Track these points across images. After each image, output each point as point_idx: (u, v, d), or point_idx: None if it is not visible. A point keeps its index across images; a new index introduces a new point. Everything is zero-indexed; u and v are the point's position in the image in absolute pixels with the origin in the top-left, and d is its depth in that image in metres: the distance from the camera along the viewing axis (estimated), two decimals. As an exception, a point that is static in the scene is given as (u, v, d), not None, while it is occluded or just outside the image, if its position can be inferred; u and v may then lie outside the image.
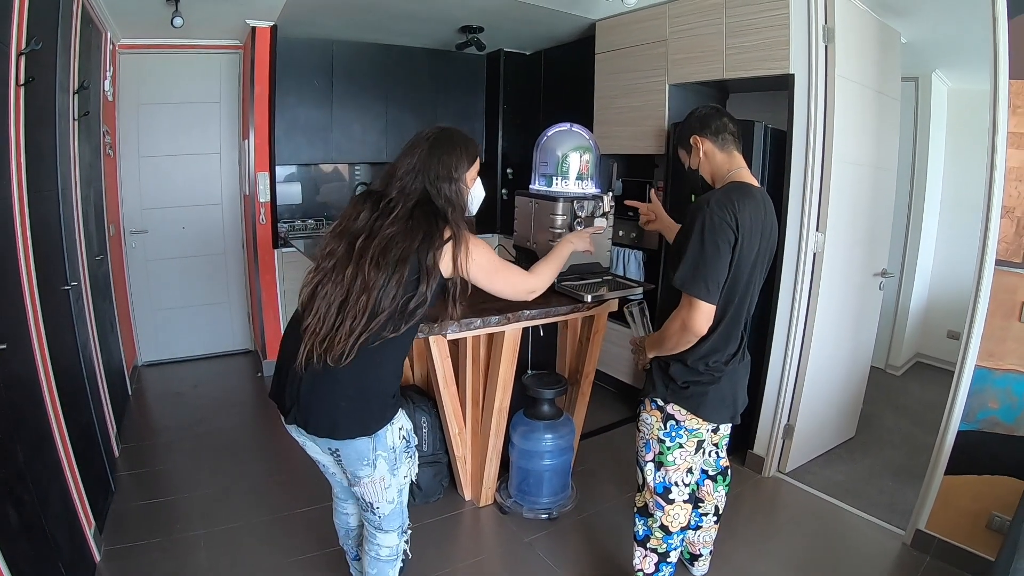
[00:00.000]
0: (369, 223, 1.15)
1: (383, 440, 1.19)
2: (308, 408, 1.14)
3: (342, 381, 1.11)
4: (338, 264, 1.13)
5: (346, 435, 1.15)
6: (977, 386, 1.70)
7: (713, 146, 1.37)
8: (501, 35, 3.33)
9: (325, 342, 1.09)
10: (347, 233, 1.16)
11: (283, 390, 1.18)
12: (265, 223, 3.10)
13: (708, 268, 1.21)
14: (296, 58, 3.23)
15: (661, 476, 1.41)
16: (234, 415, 2.81)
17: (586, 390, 2.01)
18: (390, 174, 1.20)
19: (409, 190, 1.17)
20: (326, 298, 1.11)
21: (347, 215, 1.20)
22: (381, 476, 1.21)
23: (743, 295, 1.31)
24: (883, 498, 2.15)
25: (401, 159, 1.21)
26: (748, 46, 2.20)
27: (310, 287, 1.16)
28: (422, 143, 1.21)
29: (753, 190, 1.31)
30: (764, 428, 2.29)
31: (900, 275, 3.38)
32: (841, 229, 2.17)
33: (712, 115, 1.38)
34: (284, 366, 1.19)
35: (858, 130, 2.21)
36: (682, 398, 1.35)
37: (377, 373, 1.15)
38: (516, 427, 1.90)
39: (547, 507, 1.95)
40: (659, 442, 1.40)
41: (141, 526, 1.85)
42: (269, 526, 1.89)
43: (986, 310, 1.67)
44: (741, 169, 1.36)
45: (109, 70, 2.81)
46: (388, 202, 1.16)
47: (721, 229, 1.21)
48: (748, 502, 2.14)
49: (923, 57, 2.87)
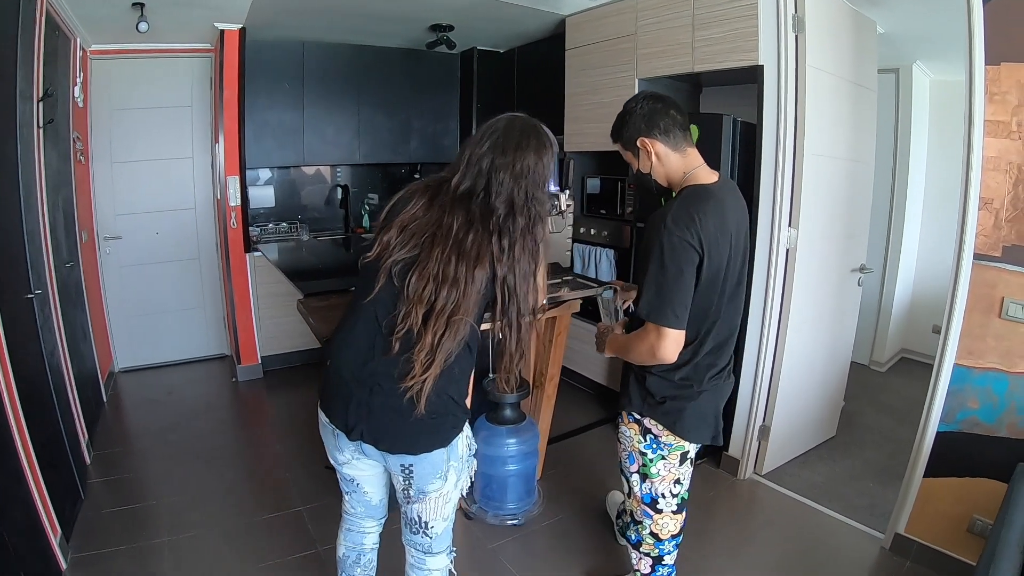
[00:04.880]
0: (477, 239, 1.02)
1: (456, 449, 1.10)
2: (382, 424, 1.04)
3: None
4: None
5: (425, 448, 1.05)
6: (956, 385, 1.64)
7: (665, 147, 1.24)
8: (472, 33, 3.28)
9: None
10: (451, 243, 1.01)
11: (345, 405, 1.06)
12: (236, 227, 3.07)
13: (672, 293, 1.13)
14: (266, 60, 3.20)
15: (648, 487, 1.35)
16: (207, 421, 2.79)
17: (551, 393, 1.95)
18: (479, 172, 1.06)
19: (519, 203, 1.04)
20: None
21: (421, 216, 1.05)
22: (448, 489, 1.12)
23: (725, 303, 1.23)
24: (863, 500, 2.09)
25: (496, 157, 1.05)
26: (717, 38, 2.14)
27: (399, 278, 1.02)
28: (524, 143, 1.06)
29: (713, 190, 1.22)
30: (739, 428, 2.23)
31: (884, 269, 3.33)
32: (816, 224, 2.12)
33: (657, 112, 1.23)
34: (342, 378, 1.07)
35: (832, 122, 2.15)
36: (658, 413, 1.27)
37: (454, 375, 1.05)
38: (478, 432, 1.83)
39: (513, 513, 1.90)
40: (640, 454, 1.33)
41: (110, 533, 1.83)
42: (237, 533, 1.87)
43: (964, 306, 1.61)
44: (698, 169, 1.25)
45: (79, 76, 2.79)
46: (498, 218, 1.03)
47: (682, 249, 1.12)
48: (723, 506, 2.08)
49: (902, 48, 2.81)
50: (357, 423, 1.07)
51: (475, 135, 1.11)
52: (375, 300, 1.05)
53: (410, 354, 1.00)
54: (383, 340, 1.03)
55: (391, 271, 1.04)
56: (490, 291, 1.05)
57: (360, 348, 1.07)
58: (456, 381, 1.08)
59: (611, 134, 1.32)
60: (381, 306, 1.05)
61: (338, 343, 1.11)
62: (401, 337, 1.01)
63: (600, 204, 2.85)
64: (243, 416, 2.96)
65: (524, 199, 1.06)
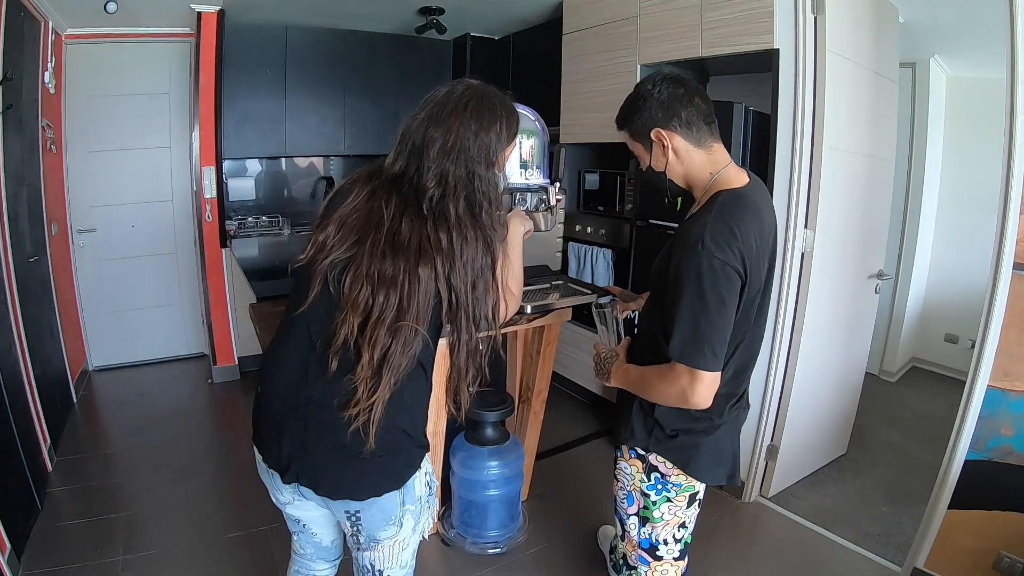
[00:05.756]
0: (414, 228, 0.85)
1: (411, 491, 0.93)
2: (319, 464, 0.87)
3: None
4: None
5: (372, 492, 0.88)
6: (989, 409, 1.47)
7: (687, 142, 1.01)
8: (464, 17, 3.09)
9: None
10: (385, 235, 0.85)
11: (278, 441, 0.89)
12: (212, 221, 2.91)
13: (712, 329, 0.92)
14: (247, 46, 3.03)
15: (647, 532, 1.14)
16: (176, 426, 2.66)
17: (538, 410, 1.78)
18: (413, 150, 0.89)
19: (454, 181, 0.87)
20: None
21: (362, 208, 0.88)
22: (404, 536, 0.95)
23: (751, 324, 1.04)
24: (876, 527, 1.92)
25: (429, 128, 0.88)
26: (727, 19, 1.95)
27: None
28: (460, 110, 0.88)
29: (748, 194, 1.00)
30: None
31: (896, 275, 3.14)
32: (833, 225, 1.94)
33: (679, 98, 1.00)
34: (272, 408, 0.91)
35: (852, 114, 1.97)
36: (668, 449, 1.06)
37: (404, 402, 0.88)
38: (456, 453, 1.67)
39: (494, 540, 1.73)
40: (643, 495, 1.12)
41: (64, 549, 1.74)
42: (196, 552, 1.76)
43: (1001, 322, 1.42)
44: (728, 168, 1.02)
45: (51, 61, 2.66)
46: (431, 200, 0.86)
47: (725, 276, 0.91)
48: (725, 531, 1.92)
49: (921, 41, 2.62)
50: (291, 462, 0.89)
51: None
52: (308, 311, 0.87)
53: (352, 375, 0.83)
54: (318, 360, 0.86)
55: (327, 275, 0.86)
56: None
57: (293, 371, 0.89)
58: (408, 409, 0.90)
59: (617, 120, 1.09)
60: (315, 318, 0.87)
61: (267, 365, 0.94)
62: (338, 352, 0.83)
63: (598, 200, 2.68)
64: (216, 421, 2.81)
65: (464, 177, 0.88)
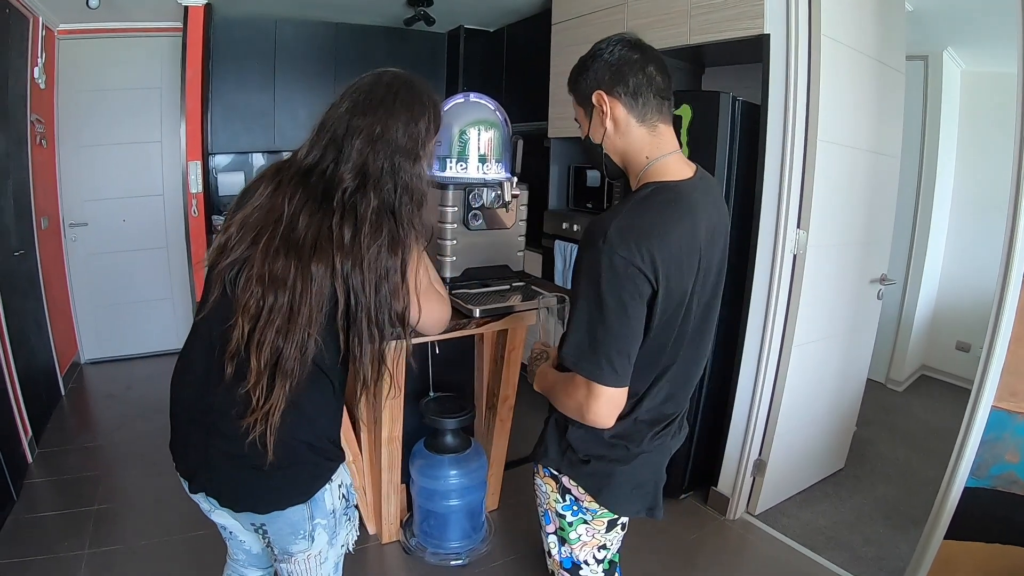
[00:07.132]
0: (312, 223, 0.79)
1: (321, 504, 0.89)
2: (221, 474, 0.84)
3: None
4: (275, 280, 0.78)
5: (274, 506, 0.85)
6: (993, 433, 1.34)
7: (628, 113, 0.86)
8: (455, 8, 3.01)
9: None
10: (281, 233, 0.79)
11: (184, 448, 0.88)
12: (198, 215, 2.90)
13: (610, 337, 0.80)
14: (235, 39, 3.01)
15: (567, 552, 1.06)
16: (158, 421, 2.58)
17: (505, 417, 1.68)
18: (332, 140, 0.84)
19: (375, 172, 0.82)
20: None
21: (264, 205, 0.82)
22: (319, 549, 0.91)
23: (685, 344, 0.89)
24: (870, 550, 1.79)
25: (354, 117, 0.84)
26: (717, 4, 1.83)
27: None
28: (390, 99, 0.85)
29: (683, 190, 0.85)
30: (730, 463, 1.93)
31: (906, 279, 2.98)
32: (830, 225, 1.81)
33: (631, 63, 0.85)
34: (177, 414, 0.89)
35: (852, 105, 1.83)
36: (580, 475, 0.94)
37: (305, 412, 0.83)
38: (415, 460, 1.59)
39: (456, 551, 1.65)
40: (558, 516, 1.03)
41: (33, 541, 1.74)
42: (158, 549, 1.75)
43: (1009, 335, 1.29)
44: (669, 157, 0.88)
45: (42, 57, 2.67)
46: (344, 192, 0.81)
47: (627, 277, 0.78)
48: (707, 550, 1.81)
49: (933, 31, 2.45)
50: (197, 471, 0.86)
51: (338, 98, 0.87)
52: (210, 316, 0.83)
53: (246, 382, 0.78)
54: (218, 366, 0.80)
55: (224, 278, 0.81)
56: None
57: (197, 377, 0.86)
58: (310, 420, 0.84)
59: (568, 81, 0.96)
60: (216, 323, 0.83)
61: (176, 370, 0.90)
62: (233, 358, 0.79)
63: (587, 197, 2.57)
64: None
65: (386, 169, 0.83)
